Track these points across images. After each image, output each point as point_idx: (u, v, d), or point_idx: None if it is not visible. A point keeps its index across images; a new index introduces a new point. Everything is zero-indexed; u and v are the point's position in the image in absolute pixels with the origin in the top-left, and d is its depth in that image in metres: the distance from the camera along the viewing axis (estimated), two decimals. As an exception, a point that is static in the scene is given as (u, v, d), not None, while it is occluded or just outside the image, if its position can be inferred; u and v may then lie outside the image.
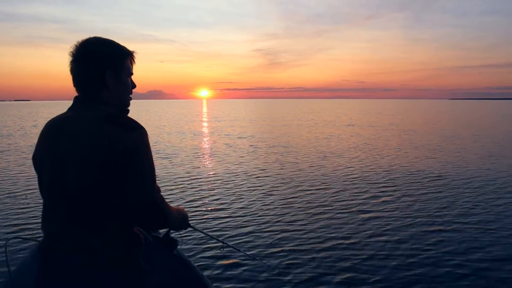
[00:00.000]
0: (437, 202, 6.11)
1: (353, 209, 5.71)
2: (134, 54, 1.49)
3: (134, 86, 1.51)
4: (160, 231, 1.82)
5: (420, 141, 14.70)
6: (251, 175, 8.36)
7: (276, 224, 5.07)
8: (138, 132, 1.31)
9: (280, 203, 6.08)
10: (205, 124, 26.56)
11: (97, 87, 1.40)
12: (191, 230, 1.82)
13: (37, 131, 19.51)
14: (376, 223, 5.11)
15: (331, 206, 5.91)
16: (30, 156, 1.52)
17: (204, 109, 60.18)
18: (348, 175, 8.30)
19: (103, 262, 1.31)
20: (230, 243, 2.56)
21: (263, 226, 5.00)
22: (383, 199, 6.33)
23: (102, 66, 1.39)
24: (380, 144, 13.85)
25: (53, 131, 1.37)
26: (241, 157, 11.05)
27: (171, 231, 1.74)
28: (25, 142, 14.84)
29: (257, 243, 4.43)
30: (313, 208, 5.80)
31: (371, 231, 4.78)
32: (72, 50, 1.40)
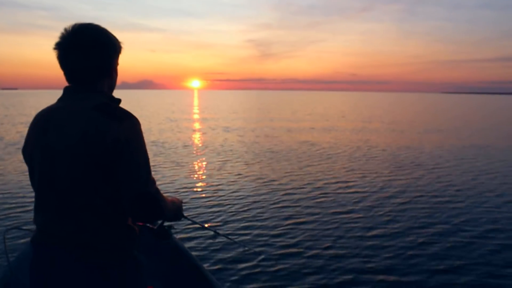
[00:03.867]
0: (420, 193, 6.22)
1: (343, 200, 5.77)
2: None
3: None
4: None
5: (406, 134, 14.83)
6: (241, 163, 8.35)
7: (266, 212, 5.08)
8: (129, 122, 1.27)
9: (271, 190, 6.10)
10: (195, 115, 26.42)
11: (99, 76, 1.35)
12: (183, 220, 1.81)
13: (26, 120, 19.25)
14: (365, 214, 5.18)
15: (321, 196, 5.96)
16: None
17: (196, 101, 59.85)
18: (336, 165, 8.36)
19: (94, 255, 1.28)
20: (222, 232, 2.57)
21: (254, 214, 5.01)
22: (371, 189, 6.41)
23: (111, 53, 1.36)
24: (367, 137, 13.94)
25: (42, 122, 1.32)
26: (231, 146, 11.04)
27: (165, 222, 1.73)
28: (21, 132, 14.63)
29: (248, 231, 4.43)
30: (304, 197, 5.84)
31: (361, 224, 4.85)
32: (66, 36, 1.29)
